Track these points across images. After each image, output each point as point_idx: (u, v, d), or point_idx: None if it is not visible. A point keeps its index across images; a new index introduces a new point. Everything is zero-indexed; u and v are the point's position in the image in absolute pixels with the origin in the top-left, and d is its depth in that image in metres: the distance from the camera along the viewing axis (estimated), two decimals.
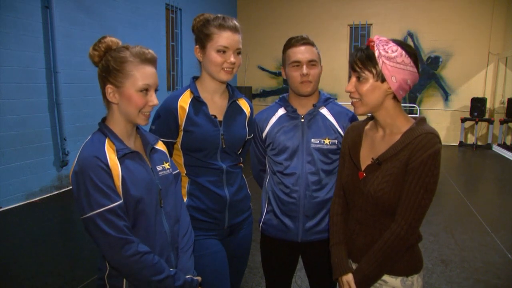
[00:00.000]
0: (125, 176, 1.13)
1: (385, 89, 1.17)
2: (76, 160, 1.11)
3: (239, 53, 1.47)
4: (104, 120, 1.23)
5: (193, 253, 1.34)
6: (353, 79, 1.21)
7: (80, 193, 1.08)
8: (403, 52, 1.15)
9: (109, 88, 1.16)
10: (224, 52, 1.43)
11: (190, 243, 1.33)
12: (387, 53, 1.14)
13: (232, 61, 1.44)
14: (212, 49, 1.43)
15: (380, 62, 1.14)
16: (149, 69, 1.17)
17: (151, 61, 1.19)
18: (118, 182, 1.12)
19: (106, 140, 1.16)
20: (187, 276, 1.25)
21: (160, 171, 1.26)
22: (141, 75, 1.15)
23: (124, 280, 1.16)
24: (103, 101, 1.22)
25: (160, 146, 1.34)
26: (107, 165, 1.10)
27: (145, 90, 1.16)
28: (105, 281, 1.18)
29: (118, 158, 1.13)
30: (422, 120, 1.21)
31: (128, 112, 1.17)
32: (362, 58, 1.17)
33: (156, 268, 1.14)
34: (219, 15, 1.47)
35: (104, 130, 1.18)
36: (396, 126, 1.22)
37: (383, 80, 1.16)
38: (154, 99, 1.18)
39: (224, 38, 1.42)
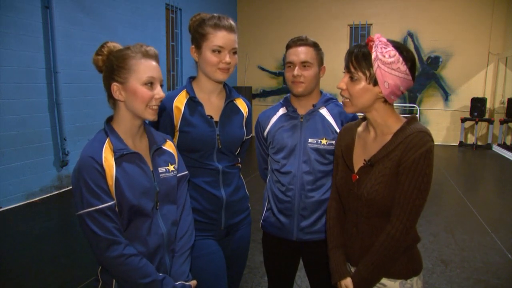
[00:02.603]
0: (119, 177, 1.13)
1: (376, 93, 1.16)
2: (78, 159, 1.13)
3: (235, 52, 1.47)
4: (110, 119, 1.23)
5: (190, 255, 1.33)
6: (346, 76, 1.19)
7: (76, 191, 1.11)
8: (400, 58, 1.12)
9: (115, 86, 1.16)
10: (219, 52, 1.42)
11: (187, 246, 1.31)
12: (384, 57, 1.12)
13: (228, 61, 1.43)
14: (208, 49, 1.42)
15: (375, 65, 1.13)
16: (151, 63, 1.18)
17: (153, 56, 1.20)
18: (112, 182, 1.12)
19: (107, 140, 1.16)
20: (177, 283, 1.23)
21: (162, 173, 1.25)
22: (144, 68, 1.16)
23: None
24: (108, 102, 1.22)
25: (169, 146, 1.33)
26: (101, 165, 1.11)
27: (150, 83, 1.17)
28: (99, 276, 1.20)
29: (115, 159, 1.13)
30: (413, 119, 1.19)
31: (135, 107, 1.17)
32: (358, 57, 1.15)
33: (142, 271, 1.13)
34: (215, 14, 1.46)
35: (106, 129, 1.19)
36: (387, 126, 1.20)
37: (375, 83, 1.15)
38: (160, 92, 1.19)
39: (219, 38, 1.41)
